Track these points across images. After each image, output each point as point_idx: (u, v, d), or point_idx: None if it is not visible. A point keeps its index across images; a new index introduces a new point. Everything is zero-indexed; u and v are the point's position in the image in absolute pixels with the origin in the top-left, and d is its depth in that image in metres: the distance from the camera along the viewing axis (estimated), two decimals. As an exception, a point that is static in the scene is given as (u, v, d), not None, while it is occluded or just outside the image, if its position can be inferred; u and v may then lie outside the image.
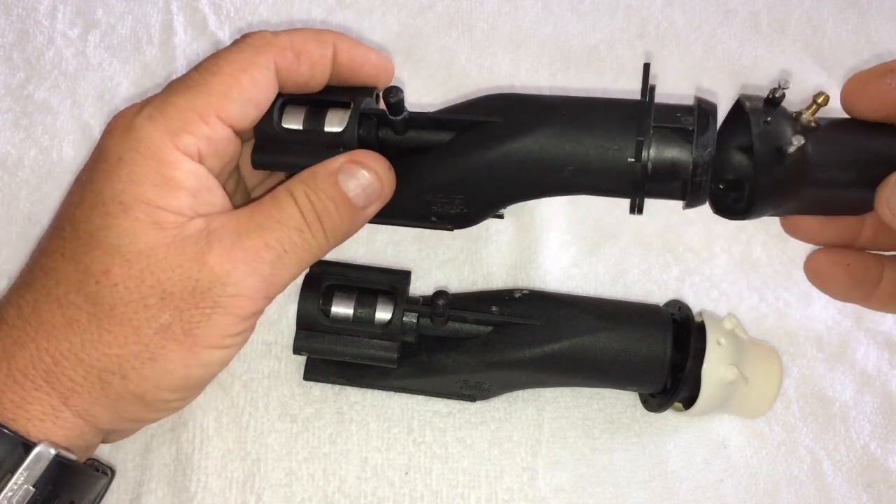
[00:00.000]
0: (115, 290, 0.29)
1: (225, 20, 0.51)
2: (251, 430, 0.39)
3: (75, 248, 0.29)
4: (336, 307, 0.37)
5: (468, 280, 0.44)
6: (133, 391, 0.30)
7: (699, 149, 0.31)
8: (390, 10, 0.52)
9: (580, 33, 0.53)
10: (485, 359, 0.38)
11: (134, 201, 0.29)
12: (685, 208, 0.34)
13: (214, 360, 0.31)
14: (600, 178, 0.33)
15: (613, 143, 0.32)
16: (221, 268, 0.29)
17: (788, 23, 0.55)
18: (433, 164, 0.34)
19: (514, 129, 0.33)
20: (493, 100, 0.35)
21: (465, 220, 0.36)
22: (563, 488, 0.40)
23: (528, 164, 0.33)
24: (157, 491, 0.38)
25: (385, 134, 0.34)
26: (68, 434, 0.30)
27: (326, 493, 0.38)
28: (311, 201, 0.31)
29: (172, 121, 0.30)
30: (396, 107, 0.33)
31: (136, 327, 0.29)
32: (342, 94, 0.34)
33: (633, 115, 0.32)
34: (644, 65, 0.33)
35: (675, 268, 0.46)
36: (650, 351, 0.37)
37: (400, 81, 0.50)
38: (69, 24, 0.49)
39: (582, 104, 0.33)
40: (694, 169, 0.31)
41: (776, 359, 0.39)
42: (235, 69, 0.31)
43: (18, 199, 0.44)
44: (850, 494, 0.41)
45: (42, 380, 0.29)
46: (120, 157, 0.29)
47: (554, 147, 0.32)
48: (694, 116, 0.32)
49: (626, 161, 0.32)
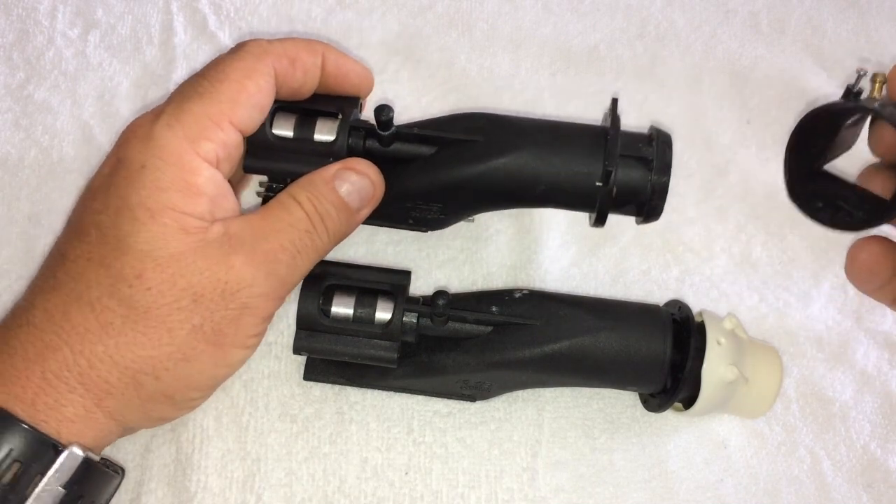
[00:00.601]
0: (149, 293, 0.30)
1: (225, 20, 0.51)
2: (251, 430, 0.39)
3: (104, 252, 0.30)
4: (336, 307, 0.37)
5: (468, 280, 0.44)
6: (164, 391, 0.31)
7: (656, 175, 0.36)
8: (390, 10, 0.52)
9: (580, 33, 0.53)
10: (485, 359, 0.38)
11: (161, 207, 0.30)
12: (638, 224, 0.38)
13: (238, 360, 0.33)
14: (569, 197, 0.37)
15: (583, 167, 0.36)
16: (247, 270, 0.31)
17: (788, 23, 0.55)
18: (416, 175, 0.37)
19: (493, 149, 0.36)
20: (474, 119, 0.38)
21: (439, 223, 0.39)
22: (562, 488, 0.40)
23: (505, 181, 0.36)
24: (157, 491, 0.38)
25: (371, 145, 0.37)
26: (97, 435, 0.31)
27: (326, 493, 0.38)
28: (314, 205, 0.33)
29: (191, 128, 0.31)
30: (387, 124, 0.36)
31: (170, 329, 0.30)
32: (329, 104, 0.36)
33: (599, 143, 0.36)
34: (612, 99, 0.37)
35: (675, 268, 0.46)
36: (650, 351, 0.37)
37: (400, 81, 0.50)
38: (69, 24, 0.49)
39: (555, 129, 0.37)
40: (651, 192, 0.36)
41: (776, 359, 0.39)
42: (241, 76, 0.32)
43: (19, 200, 0.44)
44: (850, 494, 0.41)
45: (77, 382, 0.30)
46: (143, 164, 0.31)
47: (529, 167, 0.36)
48: (653, 146, 0.36)
49: (594, 184, 0.36)
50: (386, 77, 0.50)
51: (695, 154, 0.50)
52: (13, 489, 0.28)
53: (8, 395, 0.29)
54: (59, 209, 0.44)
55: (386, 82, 0.50)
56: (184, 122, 0.31)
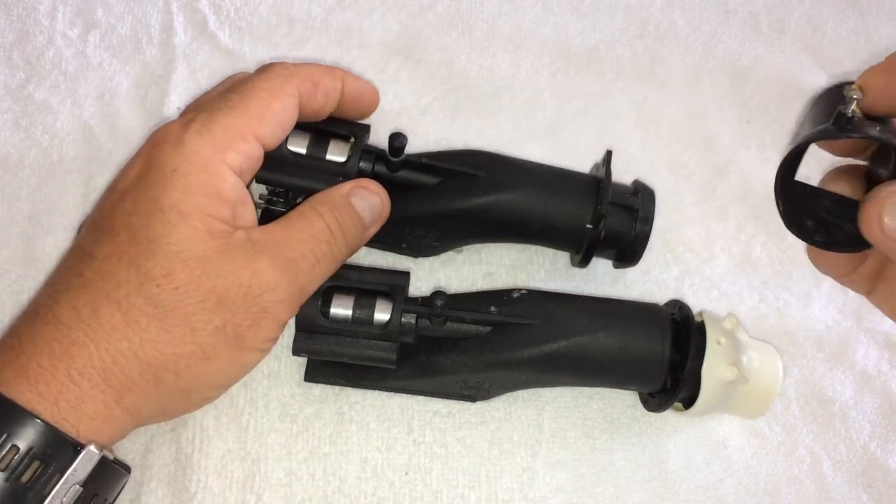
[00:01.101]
0: (176, 292, 0.31)
1: (225, 20, 0.51)
2: (251, 430, 0.39)
3: (134, 253, 0.31)
4: (335, 308, 0.37)
5: (468, 280, 0.44)
6: (182, 387, 0.32)
7: (640, 224, 0.40)
8: (390, 10, 0.52)
9: (580, 33, 0.53)
10: (484, 359, 0.38)
11: (191, 210, 0.32)
12: (616, 268, 0.43)
13: (252, 362, 0.34)
14: (560, 236, 0.40)
15: (576, 210, 0.39)
16: (271, 276, 0.32)
17: (788, 23, 0.55)
18: (419, 203, 0.39)
19: (495, 185, 0.39)
20: (476, 156, 0.41)
21: (430, 251, 0.43)
22: (562, 488, 0.40)
23: (503, 216, 0.39)
24: (157, 491, 0.38)
25: (380, 169, 0.39)
26: (112, 431, 0.32)
27: (326, 493, 0.38)
28: (335, 217, 0.35)
29: (219, 138, 0.33)
30: (399, 150, 0.38)
31: (194, 328, 0.31)
32: (342, 127, 0.39)
33: (591, 190, 0.39)
34: (607, 151, 0.40)
35: (675, 268, 0.46)
36: (649, 350, 0.37)
37: (400, 81, 0.50)
38: (69, 24, 0.49)
39: (552, 173, 0.41)
40: (634, 239, 0.40)
41: (776, 359, 0.39)
42: (268, 95, 0.34)
43: (19, 200, 0.44)
44: (850, 494, 0.41)
45: (100, 378, 0.31)
46: (174, 168, 0.32)
47: (528, 205, 0.39)
48: (638, 197, 0.40)
49: (584, 227, 0.39)
50: (386, 77, 0.50)
51: (695, 154, 0.50)
52: (32, 488, 0.29)
53: (31, 394, 0.30)
54: (59, 209, 0.44)
55: (386, 82, 0.50)
56: (213, 131, 0.33)
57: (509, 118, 0.50)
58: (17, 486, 0.29)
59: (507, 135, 0.49)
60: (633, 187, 0.41)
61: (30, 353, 0.30)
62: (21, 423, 0.29)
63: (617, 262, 0.42)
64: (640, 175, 0.44)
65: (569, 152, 0.49)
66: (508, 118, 0.50)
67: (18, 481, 0.29)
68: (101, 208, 0.34)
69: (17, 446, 0.29)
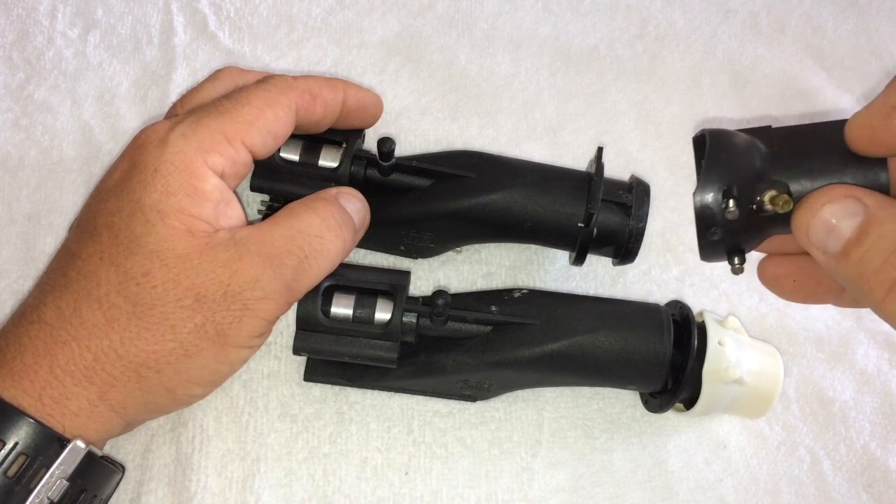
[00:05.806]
0: (155, 291, 0.31)
1: (225, 20, 0.51)
2: (251, 430, 0.39)
3: (115, 252, 0.32)
4: (336, 307, 0.37)
5: (468, 280, 0.44)
6: (166, 384, 0.32)
7: (634, 220, 0.39)
8: (390, 10, 0.52)
9: (580, 33, 0.53)
10: (484, 358, 0.38)
11: (170, 210, 0.32)
12: (615, 265, 0.42)
13: (239, 359, 0.34)
14: (553, 235, 0.40)
15: (567, 209, 0.39)
16: (251, 274, 0.32)
17: (788, 23, 0.55)
18: (412, 205, 0.40)
19: (486, 186, 0.39)
20: (468, 157, 0.41)
21: (428, 252, 0.43)
22: (562, 488, 0.40)
23: (494, 216, 0.39)
24: (157, 491, 0.38)
25: (372, 174, 0.40)
26: (99, 428, 0.32)
27: (326, 493, 0.38)
28: (328, 212, 0.35)
29: (204, 140, 0.33)
30: (388, 155, 0.38)
31: (173, 326, 0.31)
32: (335, 134, 0.39)
33: (583, 188, 0.39)
34: (598, 148, 0.40)
35: (675, 268, 0.46)
36: (650, 349, 0.37)
37: (400, 81, 0.50)
38: (69, 24, 0.49)
39: (544, 172, 0.40)
40: (629, 236, 0.39)
41: (776, 359, 0.39)
42: (262, 104, 0.35)
43: (19, 200, 0.44)
44: (850, 494, 0.41)
45: (82, 375, 0.31)
46: (156, 168, 0.32)
47: (518, 206, 0.39)
48: (633, 193, 0.39)
49: (577, 225, 0.39)
50: (386, 77, 0.50)
51: (695, 154, 0.50)
52: (18, 482, 0.29)
53: (17, 390, 0.30)
54: (59, 209, 0.44)
55: (386, 82, 0.50)
56: (199, 134, 0.33)
57: (509, 118, 0.50)
58: (4, 479, 0.29)
59: (506, 135, 0.49)
60: (629, 183, 0.41)
61: (14, 351, 0.31)
62: (6, 418, 0.30)
63: (615, 259, 0.41)
64: (640, 175, 0.44)
65: (568, 152, 0.49)
66: (508, 118, 0.50)
67: (5, 475, 0.29)
68: (86, 209, 0.34)
69: (3, 440, 0.29)
